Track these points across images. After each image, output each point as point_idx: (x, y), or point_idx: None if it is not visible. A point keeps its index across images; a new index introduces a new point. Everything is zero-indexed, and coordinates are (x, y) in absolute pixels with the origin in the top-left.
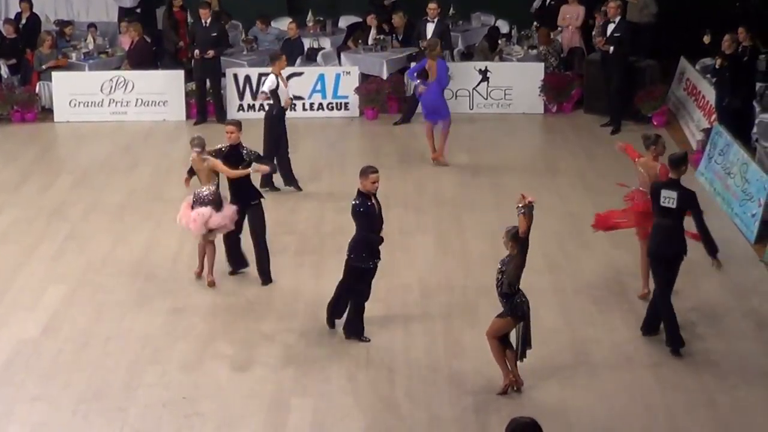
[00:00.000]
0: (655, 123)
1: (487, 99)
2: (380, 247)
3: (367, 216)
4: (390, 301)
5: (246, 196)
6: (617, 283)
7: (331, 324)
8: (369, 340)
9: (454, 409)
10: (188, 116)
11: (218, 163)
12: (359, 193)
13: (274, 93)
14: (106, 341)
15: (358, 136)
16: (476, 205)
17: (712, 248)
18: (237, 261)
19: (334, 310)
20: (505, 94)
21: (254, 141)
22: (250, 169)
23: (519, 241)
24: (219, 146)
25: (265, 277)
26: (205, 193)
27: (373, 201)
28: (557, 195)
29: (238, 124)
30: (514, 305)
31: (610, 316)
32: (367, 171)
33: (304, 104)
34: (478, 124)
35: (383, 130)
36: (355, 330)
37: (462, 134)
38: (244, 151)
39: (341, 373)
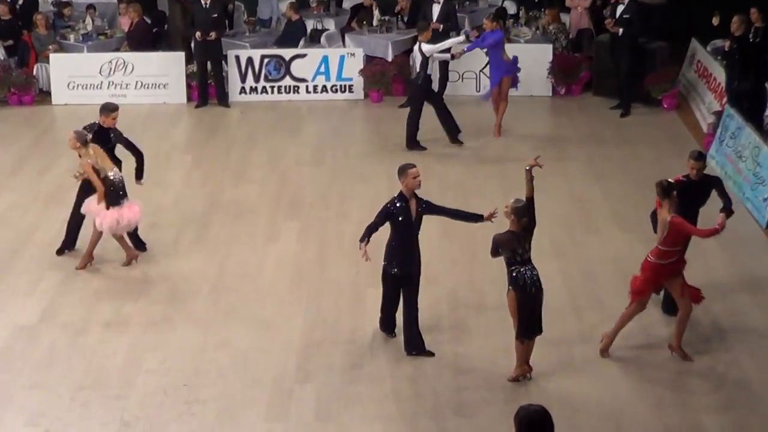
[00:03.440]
0: (665, 106)
1: None
2: (409, 256)
3: (391, 217)
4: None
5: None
6: (625, 269)
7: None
8: (433, 354)
9: (459, 396)
10: (189, 99)
11: (92, 175)
12: (399, 193)
13: (424, 62)
14: (104, 327)
15: (363, 119)
16: (483, 190)
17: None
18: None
19: (382, 317)
20: None
21: (257, 124)
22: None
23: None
24: (93, 122)
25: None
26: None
27: (411, 204)
28: (565, 179)
29: (117, 109)
30: (512, 276)
31: (618, 302)
32: (406, 168)
33: (307, 86)
34: (485, 108)
35: (388, 113)
36: (410, 343)
37: (468, 118)
38: (112, 135)
39: (345, 361)
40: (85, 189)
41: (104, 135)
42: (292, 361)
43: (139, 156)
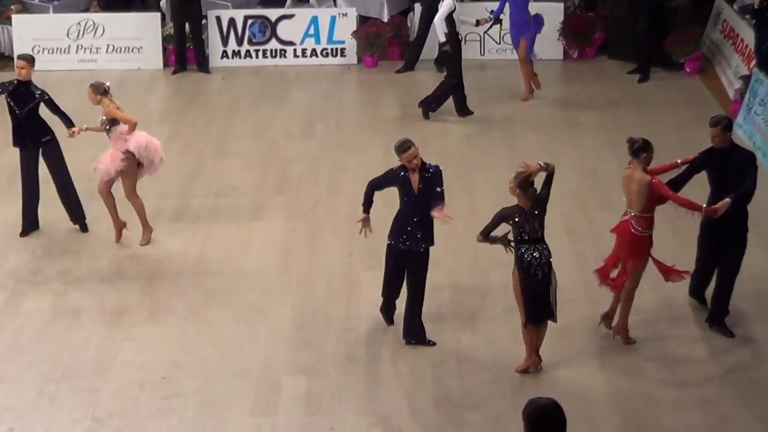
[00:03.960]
0: (687, 70)
1: (500, 44)
2: (412, 231)
3: (394, 182)
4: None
5: (39, 131)
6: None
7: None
8: (434, 344)
9: (462, 387)
10: (165, 64)
11: (119, 114)
12: (401, 165)
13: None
14: (75, 315)
15: (356, 86)
16: (487, 162)
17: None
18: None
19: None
20: None
21: (240, 92)
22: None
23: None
24: (4, 81)
25: (81, 223)
26: None
27: (413, 174)
28: (577, 150)
29: (30, 60)
30: (517, 255)
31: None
32: (403, 149)
33: (295, 50)
34: (489, 72)
35: (384, 79)
36: (410, 331)
37: (472, 83)
38: (37, 92)
39: (339, 350)
40: (56, 162)
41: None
42: (280, 351)
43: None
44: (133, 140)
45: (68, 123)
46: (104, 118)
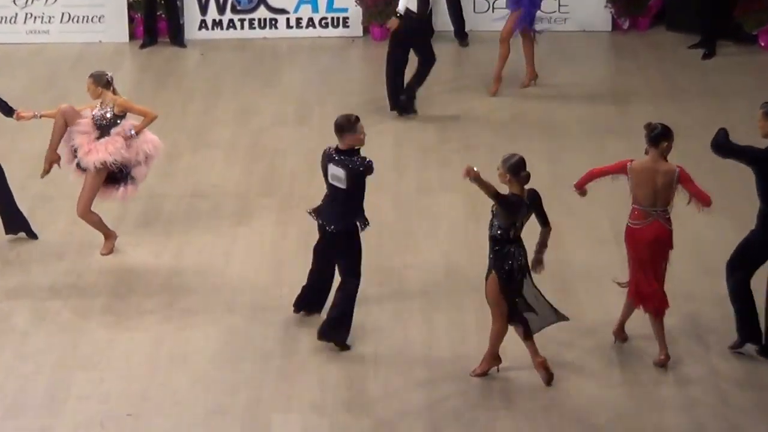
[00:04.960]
0: (762, 44)
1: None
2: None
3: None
4: (407, 283)
5: None
6: (707, 256)
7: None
8: (348, 348)
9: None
10: (132, 36)
11: (133, 106)
12: (356, 152)
13: None
14: (22, 339)
15: (361, 62)
16: (519, 148)
17: None
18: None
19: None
20: (559, 5)
21: (222, 70)
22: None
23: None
24: None
25: (26, 231)
26: None
27: None
28: (628, 141)
29: None
30: (500, 256)
31: (699, 299)
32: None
33: (288, 20)
34: (522, 46)
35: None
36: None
37: (490, 59)
38: None
39: (341, 383)
40: None
41: None
42: (269, 382)
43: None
44: (148, 139)
45: (5, 110)
46: (100, 111)
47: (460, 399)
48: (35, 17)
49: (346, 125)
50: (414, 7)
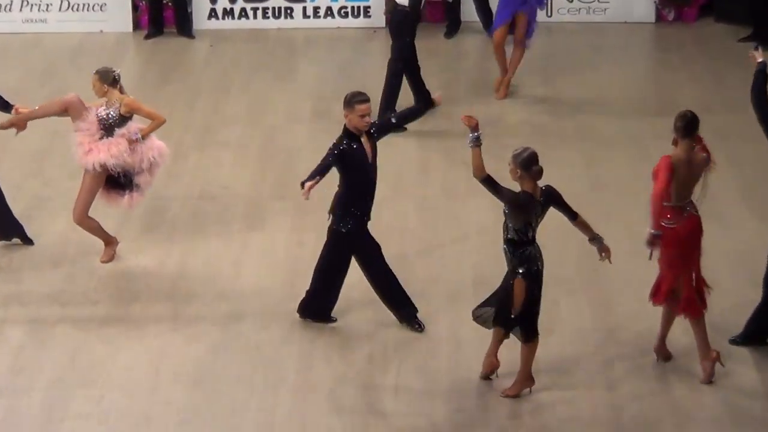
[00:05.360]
0: None
1: (572, 2)
2: (369, 209)
3: (342, 160)
4: (432, 297)
5: None
6: (758, 267)
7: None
8: (335, 320)
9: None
10: (136, 26)
11: (141, 107)
12: (345, 130)
13: None
14: (15, 353)
15: (383, 55)
16: (555, 156)
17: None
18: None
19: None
20: None
21: (233, 63)
22: None
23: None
24: None
25: (20, 237)
26: None
27: (364, 142)
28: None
29: None
30: (523, 258)
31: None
32: (353, 100)
33: (305, 9)
34: (558, 38)
35: (420, 46)
36: (306, 308)
37: (536, 53)
38: None
39: (357, 400)
40: None
41: None
42: (284, 405)
43: None
44: (154, 145)
45: (2, 105)
46: (105, 111)
47: (489, 420)
48: (32, 5)
49: (345, 100)
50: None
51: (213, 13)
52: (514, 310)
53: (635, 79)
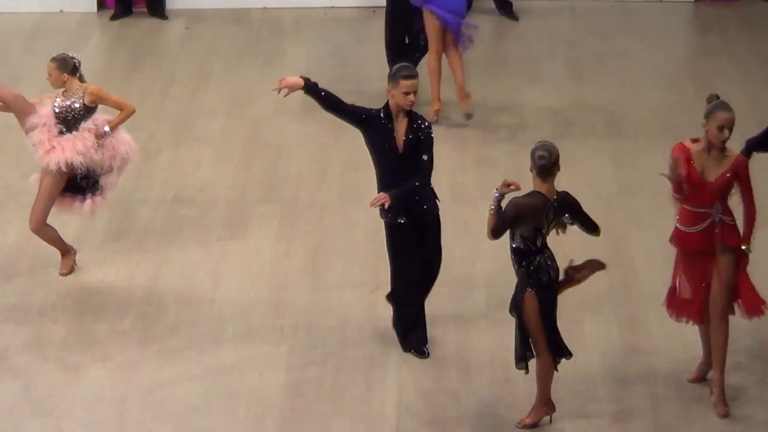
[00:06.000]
0: None
1: None
2: (419, 201)
3: (368, 130)
4: (437, 310)
5: None
6: None
7: (409, 344)
8: (426, 354)
9: None
10: (101, 5)
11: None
12: (384, 105)
13: None
14: None
15: (383, 38)
16: (579, 153)
17: None
18: None
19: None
20: None
21: (212, 47)
22: None
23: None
24: None
25: None
26: None
27: (398, 125)
28: None
29: None
30: (530, 270)
31: None
32: (397, 74)
33: None
34: (582, 19)
35: None
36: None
37: (556, 36)
38: None
39: (363, 424)
40: None
41: None
42: (273, 421)
43: None
44: (124, 139)
45: None
46: (65, 102)
47: None
48: None
49: (390, 74)
50: None
51: None
52: (527, 329)
53: (671, 66)
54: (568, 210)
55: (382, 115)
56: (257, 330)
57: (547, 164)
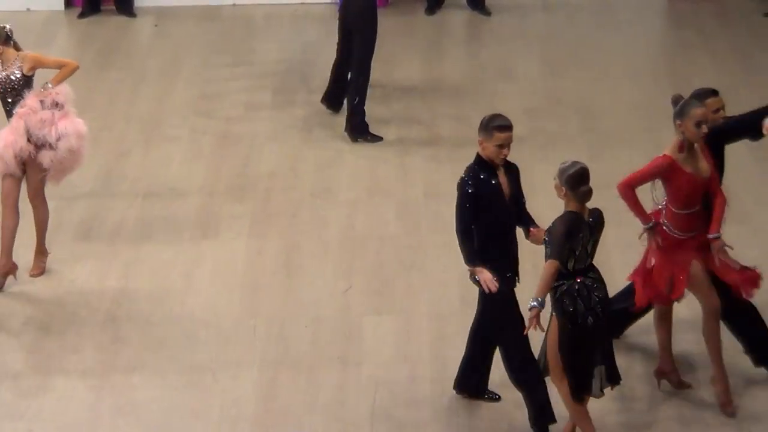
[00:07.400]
0: None
1: None
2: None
3: (477, 200)
4: (412, 311)
5: None
6: None
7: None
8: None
9: None
10: (68, 4)
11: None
12: (477, 159)
13: None
14: None
15: None
16: (554, 151)
17: None
18: None
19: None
20: None
21: (182, 44)
22: None
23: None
24: None
25: None
26: None
27: (500, 177)
28: None
29: None
30: (560, 294)
31: None
32: (490, 125)
33: None
34: (558, 16)
35: (399, 24)
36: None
37: (532, 33)
38: None
39: (336, 426)
40: None
41: None
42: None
43: None
44: (72, 120)
45: None
46: (3, 73)
47: None
48: None
49: (481, 124)
50: None
51: None
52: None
53: (647, 61)
54: (602, 227)
55: (479, 176)
56: (230, 330)
57: (588, 192)
